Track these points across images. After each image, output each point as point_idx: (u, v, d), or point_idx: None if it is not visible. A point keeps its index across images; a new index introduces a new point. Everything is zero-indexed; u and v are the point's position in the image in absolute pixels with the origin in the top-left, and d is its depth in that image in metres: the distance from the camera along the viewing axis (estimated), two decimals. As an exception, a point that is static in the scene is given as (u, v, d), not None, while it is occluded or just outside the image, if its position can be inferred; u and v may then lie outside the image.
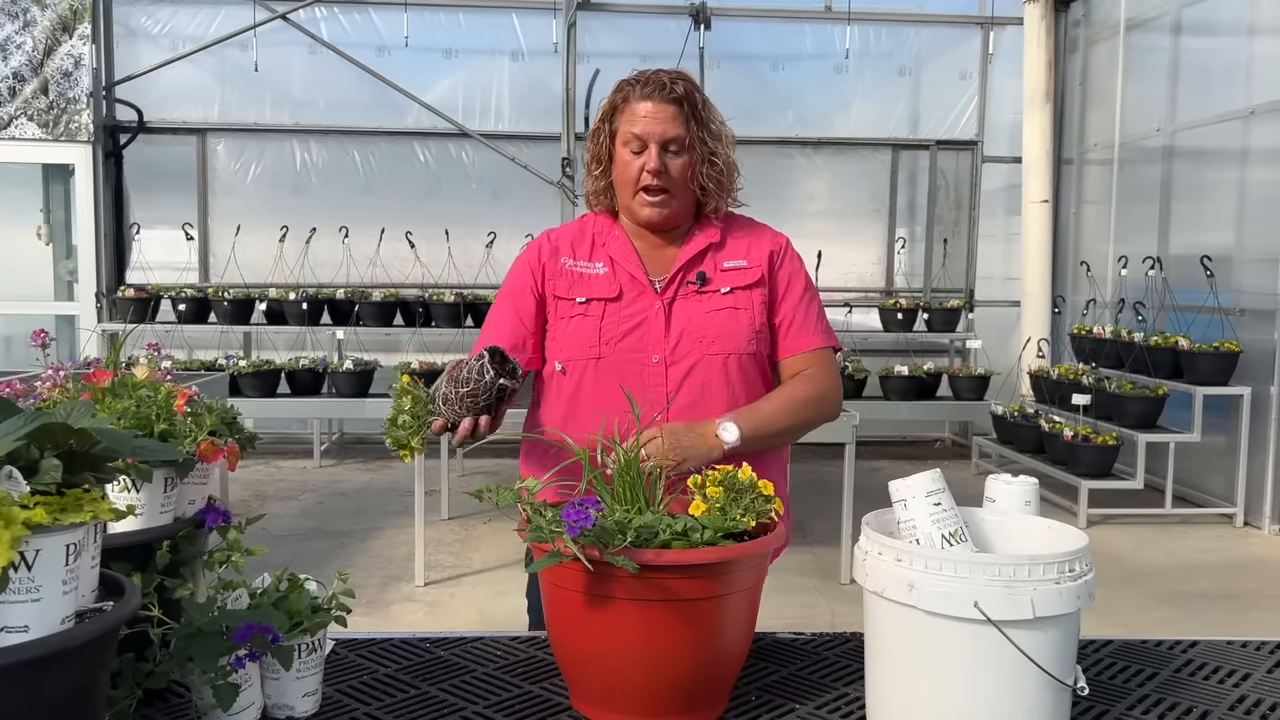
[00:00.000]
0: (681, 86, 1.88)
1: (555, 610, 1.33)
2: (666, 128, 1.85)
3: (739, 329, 1.90)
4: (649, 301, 1.90)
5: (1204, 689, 1.47)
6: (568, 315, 1.92)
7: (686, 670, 1.27)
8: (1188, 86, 7.06)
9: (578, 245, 1.98)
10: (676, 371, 1.87)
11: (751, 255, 1.96)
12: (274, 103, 8.23)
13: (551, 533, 1.24)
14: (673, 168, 1.87)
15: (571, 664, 1.35)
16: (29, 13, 7.57)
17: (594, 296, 1.91)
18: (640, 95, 1.88)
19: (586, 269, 1.95)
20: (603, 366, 1.88)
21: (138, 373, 1.39)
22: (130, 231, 8.11)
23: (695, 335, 1.88)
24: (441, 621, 4.35)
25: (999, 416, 7.08)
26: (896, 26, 8.58)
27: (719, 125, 1.93)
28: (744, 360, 1.90)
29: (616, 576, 1.22)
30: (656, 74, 1.90)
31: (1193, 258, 6.51)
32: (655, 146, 1.85)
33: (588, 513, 1.21)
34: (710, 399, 1.85)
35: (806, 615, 4.44)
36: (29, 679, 0.90)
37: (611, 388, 1.86)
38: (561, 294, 1.94)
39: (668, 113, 1.86)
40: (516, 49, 8.27)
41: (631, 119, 1.87)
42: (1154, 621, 4.51)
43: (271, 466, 7.49)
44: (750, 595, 1.33)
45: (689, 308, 1.90)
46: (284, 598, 1.31)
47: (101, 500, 0.99)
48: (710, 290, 1.91)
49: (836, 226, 8.61)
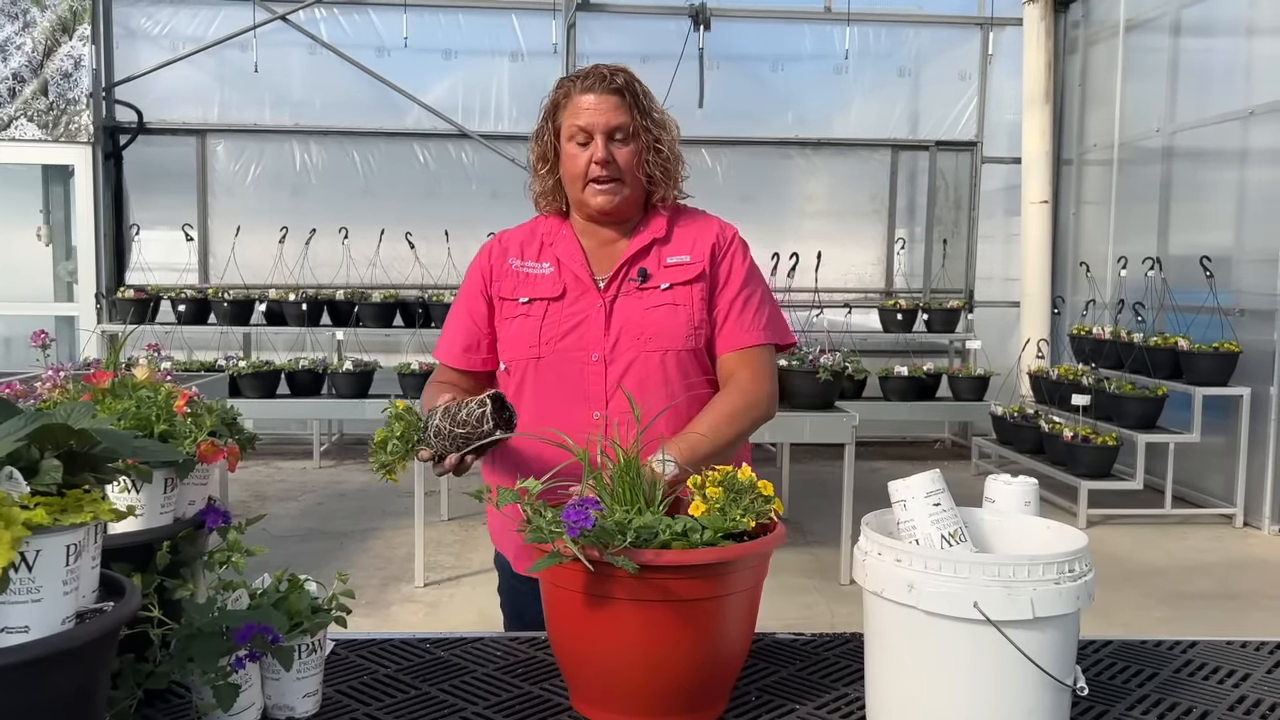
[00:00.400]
0: (622, 78, 1.89)
1: (555, 610, 1.34)
2: (610, 117, 1.86)
3: (677, 325, 1.89)
4: (591, 300, 1.90)
5: (1204, 689, 1.47)
6: (511, 316, 1.94)
7: (686, 670, 1.27)
8: (1187, 87, 7.06)
9: (526, 246, 1.99)
10: (615, 370, 1.87)
11: (695, 249, 1.95)
12: (274, 104, 8.23)
13: (551, 533, 1.24)
14: (619, 156, 1.88)
15: (571, 664, 1.35)
16: (29, 14, 7.58)
17: (536, 296, 1.92)
18: (581, 89, 1.88)
19: (533, 269, 1.96)
20: (543, 366, 1.89)
21: (138, 373, 1.39)
22: (130, 232, 8.12)
23: (633, 333, 1.88)
24: (441, 622, 4.35)
25: (999, 417, 7.08)
26: (896, 27, 8.58)
27: (661, 114, 1.95)
28: (682, 356, 1.89)
29: (616, 577, 1.22)
30: (596, 68, 1.92)
31: (1192, 258, 6.51)
32: (601, 137, 1.86)
33: (587, 513, 1.21)
34: (647, 396, 1.83)
35: (806, 615, 4.44)
36: (30, 679, 0.90)
37: (552, 387, 1.88)
38: (506, 295, 1.95)
39: (610, 103, 1.87)
40: (516, 50, 8.27)
41: (575, 112, 1.88)
42: (1154, 622, 4.51)
43: (271, 467, 7.49)
44: (750, 596, 1.33)
45: (629, 305, 1.90)
46: (284, 598, 1.31)
47: (102, 501, 0.99)
48: (651, 287, 1.91)
49: (836, 227, 8.62)
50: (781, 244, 7.82)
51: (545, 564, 1.25)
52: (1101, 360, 6.84)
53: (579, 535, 1.20)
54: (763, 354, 1.95)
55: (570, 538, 1.21)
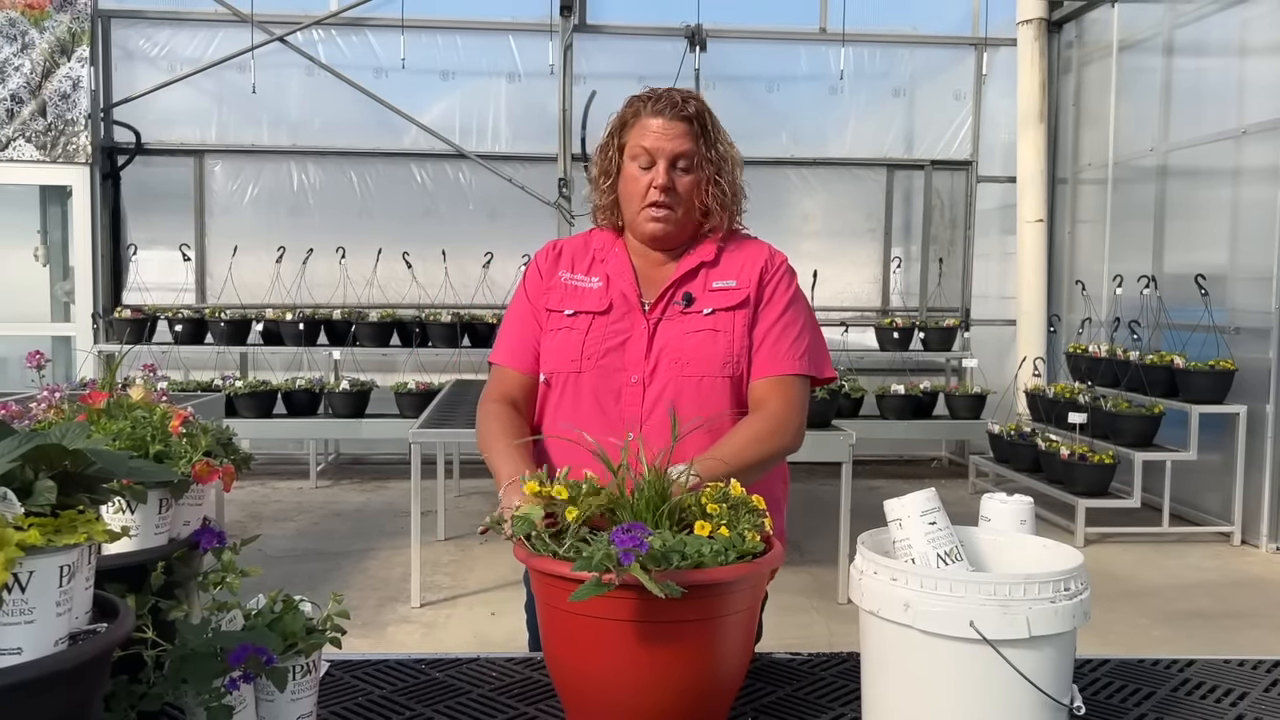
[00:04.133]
0: (694, 106, 1.89)
1: (551, 632, 1.33)
2: (677, 144, 1.86)
3: (715, 352, 1.87)
4: (635, 320, 1.90)
5: (1201, 708, 1.46)
6: (555, 328, 1.93)
7: (686, 691, 1.26)
8: (1180, 106, 7.10)
9: (578, 259, 1.99)
10: (652, 392, 1.86)
11: (742, 275, 1.93)
12: (271, 124, 8.25)
13: (604, 562, 1.19)
14: (680, 184, 1.87)
15: (568, 686, 1.35)
16: (27, 35, 7.61)
17: (582, 310, 1.91)
18: (651, 111, 1.88)
19: (581, 282, 1.95)
20: (582, 381, 1.88)
21: (133, 393, 1.39)
22: (127, 252, 8.12)
23: (672, 356, 1.87)
24: (437, 643, 4.33)
25: (995, 435, 7.08)
26: (890, 47, 8.64)
27: (727, 147, 1.93)
28: (718, 384, 1.87)
29: (615, 598, 1.21)
30: (669, 92, 1.91)
31: (1187, 276, 6.53)
32: (664, 162, 1.86)
33: (640, 537, 1.19)
34: (681, 421, 1.79)
35: (803, 635, 4.42)
36: (22, 701, 0.90)
37: (589, 404, 1.86)
38: (553, 307, 1.94)
39: (678, 129, 1.86)
40: (513, 71, 8.31)
41: (642, 133, 1.88)
42: (1151, 640, 4.50)
43: (267, 487, 7.47)
44: (749, 615, 1.33)
45: (671, 329, 1.89)
46: (279, 619, 1.31)
47: (96, 521, 0.98)
48: (694, 311, 1.90)
49: (832, 246, 8.64)
50: (778, 263, 7.81)
51: (590, 592, 1.19)
52: (1098, 378, 6.85)
53: (634, 560, 1.17)
54: (796, 384, 1.90)
55: (626, 563, 1.17)
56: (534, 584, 1.33)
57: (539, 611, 1.35)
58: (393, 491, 7.30)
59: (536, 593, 1.33)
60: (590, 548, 1.22)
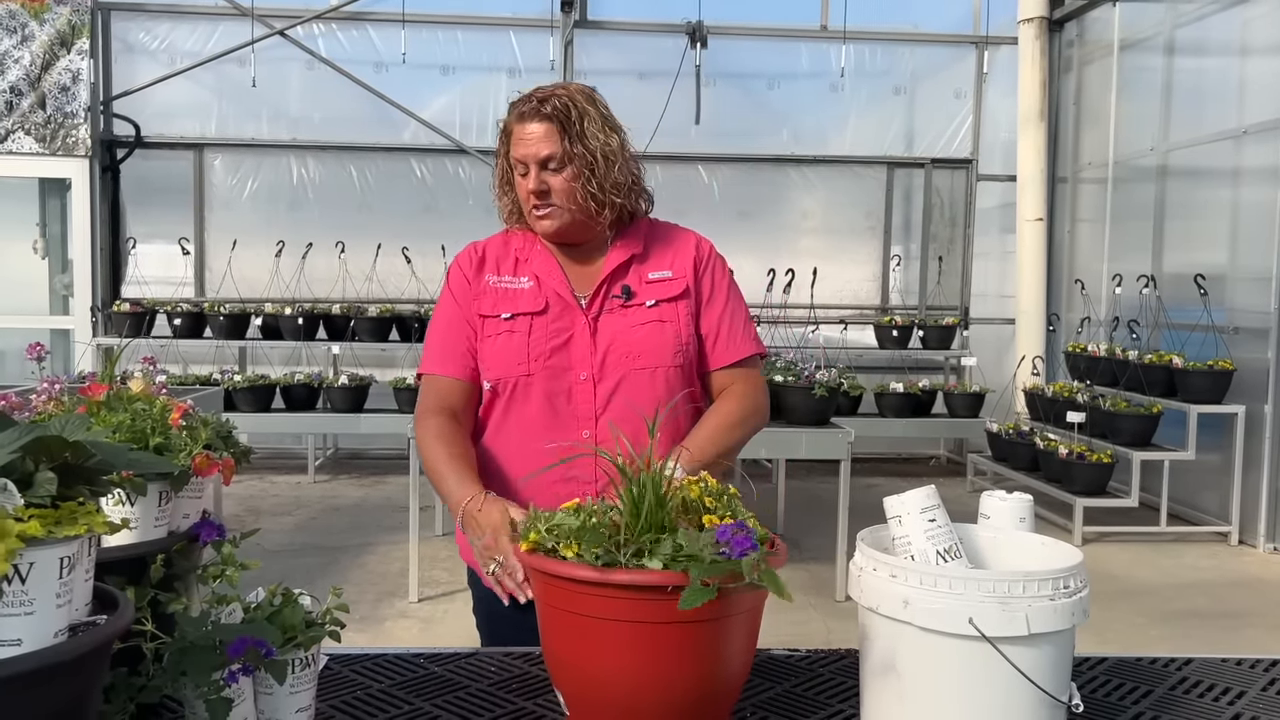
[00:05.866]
0: (553, 104, 1.83)
1: (554, 632, 1.31)
2: (539, 148, 1.83)
3: (665, 342, 1.88)
4: (575, 318, 1.88)
5: (1199, 707, 1.47)
6: (495, 332, 1.90)
7: (692, 690, 1.25)
8: (1181, 106, 7.10)
9: (502, 260, 1.96)
10: (604, 388, 1.86)
11: (675, 265, 1.94)
12: (271, 118, 8.25)
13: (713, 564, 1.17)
14: (554, 184, 1.84)
15: (572, 684, 1.33)
16: (27, 27, 7.59)
17: (520, 311, 1.89)
18: (517, 118, 1.87)
19: (511, 284, 1.92)
20: (532, 384, 1.86)
21: (133, 386, 1.39)
22: (126, 246, 8.12)
23: (621, 350, 1.87)
24: (436, 637, 4.33)
25: (994, 434, 7.09)
26: (891, 45, 8.63)
27: (602, 140, 1.85)
28: (671, 373, 1.88)
29: (619, 598, 1.21)
30: (533, 93, 1.88)
31: (1187, 276, 6.54)
32: (534, 167, 1.84)
33: (747, 537, 1.19)
34: (637, 415, 1.80)
35: (801, 632, 4.43)
36: (21, 693, 0.90)
37: (540, 406, 1.85)
38: (487, 312, 1.91)
39: (540, 131, 1.83)
40: (514, 66, 8.30)
41: (514, 142, 1.87)
42: (1149, 639, 4.51)
43: (266, 481, 7.47)
44: (753, 615, 1.32)
45: (614, 323, 1.88)
46: (278, 612, 1.31)
47: (96, 513, 0.98)
48: (636, 304, 1.90)
49: (832, 244, 8.64)
50: (777, 260, 7.84)
51: (701, 597, 1.15)
52: (1096, 377, 6.85)
53: (743, 556, 1.17)
54: (754, 364, 1.99)
55: (738, 560, 1.17)
56: (539, 587, 1.31)
57: (540, 612, 1.34)
58: (391, 486, 7.30)
59: (542, 597, 1.31)
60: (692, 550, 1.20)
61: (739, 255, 8.04)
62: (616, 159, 1.87)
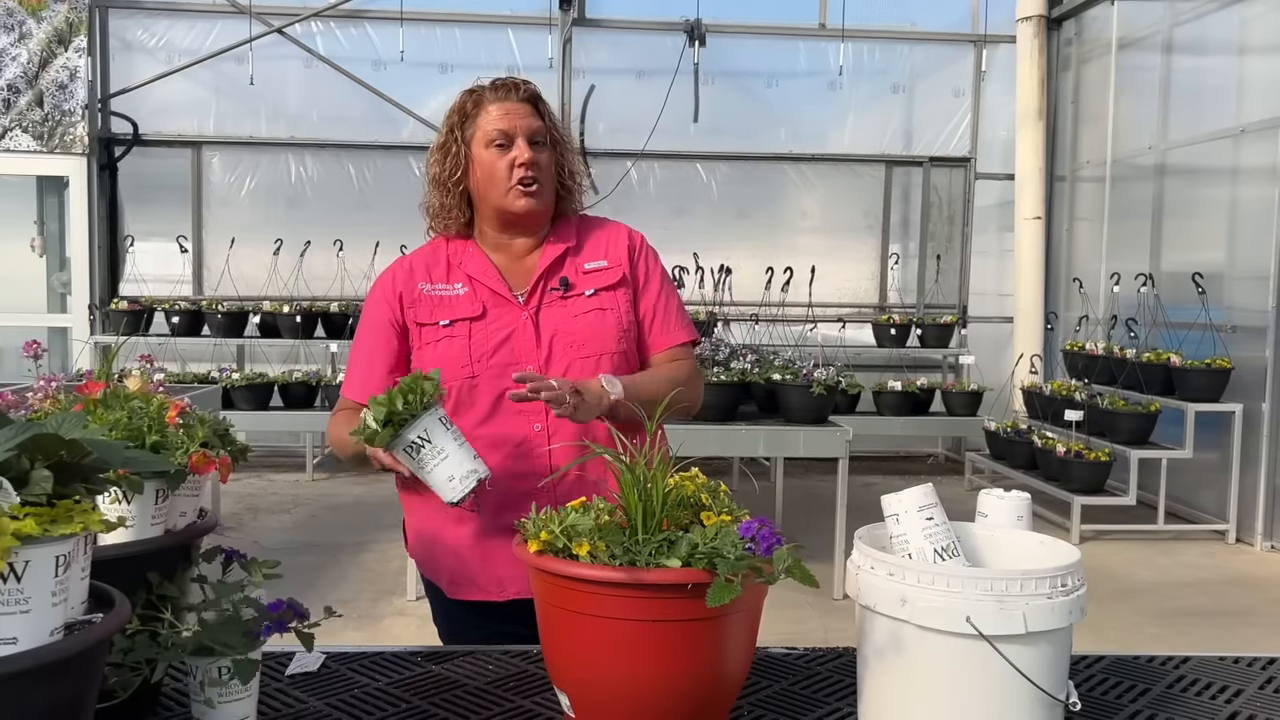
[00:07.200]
0: (532, 88, 1.94)
1: (553, 631, 1.31)
2: (529, 122, 1.89)
3: (607, 330, 1.91)
4: (514, 315, 1.90)
5: (1196, 705, 1.47)
6: (433, 340, 1.90)
7: (689, 691, 1.25)
8: (1179, 105, 7.10)
9: (433, 269, 1.96)
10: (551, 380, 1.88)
11: (610, 254, 1.98)
12: (269, 116, 8.24)
13: (740, 559, 1.18)
14: (541, 160, 1.90)
15: (572, 683, 1.33)
16: (24, 25, 7.58)
17: (458, 317, 1.90)
18: (493, 98, 1.91)
19: (446, 291, 1.93)
20: (479, 384, 1.86)
21: (130, 384, 1.39)
22: (124, 244, 8.11)
23: (565, 340, 1.89)
24: (433, 636, 4.31)
25: (992, 432, 7.09)
26: (890, 44, 8.63)
27: (564, 130, 2.01)
28: (615, 359, 1.91)
29: (619, 596, 1.20)
30: (505, 78, 1.94)
31: (1184, 274, 6.54)
32: (523, 139, 1.88)
33: (772, 531, 1.20)
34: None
35: (799, 630, 4.43)
36: (17, 691, 0.90)
37: (489, 405, 1.85)
38: (424, 320, 1.91)
39: (525, 109, 1.91)
40: (512, 64, 8.29)
41: (491, 119, 1.89)
42: (1146, 637, 4.51)
43: (264, 480, 7.46)
44: (753, 613, 1.32)
45: (556, 314, 1.91)
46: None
47: (92, 512, 0.98)
48: (575, 294, 1.93)
49: (830, 242, 8.64)
50: (776, 258, 7.84)
51: (728, 594, 1.16)
52: (1094, 376, 6.86)
53: (770, 551, 1.19)
54: (689, 350, 2.04)
55: (764, 556, 1.19)
56: (538, 586, 1.31)
57: (540, 611, 1.33)
58: (389, 485, 7.27)
59: (542, 595, 1.30)
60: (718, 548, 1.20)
61: (738, 254, 8.08)
62: (574, 150, 2.01)
